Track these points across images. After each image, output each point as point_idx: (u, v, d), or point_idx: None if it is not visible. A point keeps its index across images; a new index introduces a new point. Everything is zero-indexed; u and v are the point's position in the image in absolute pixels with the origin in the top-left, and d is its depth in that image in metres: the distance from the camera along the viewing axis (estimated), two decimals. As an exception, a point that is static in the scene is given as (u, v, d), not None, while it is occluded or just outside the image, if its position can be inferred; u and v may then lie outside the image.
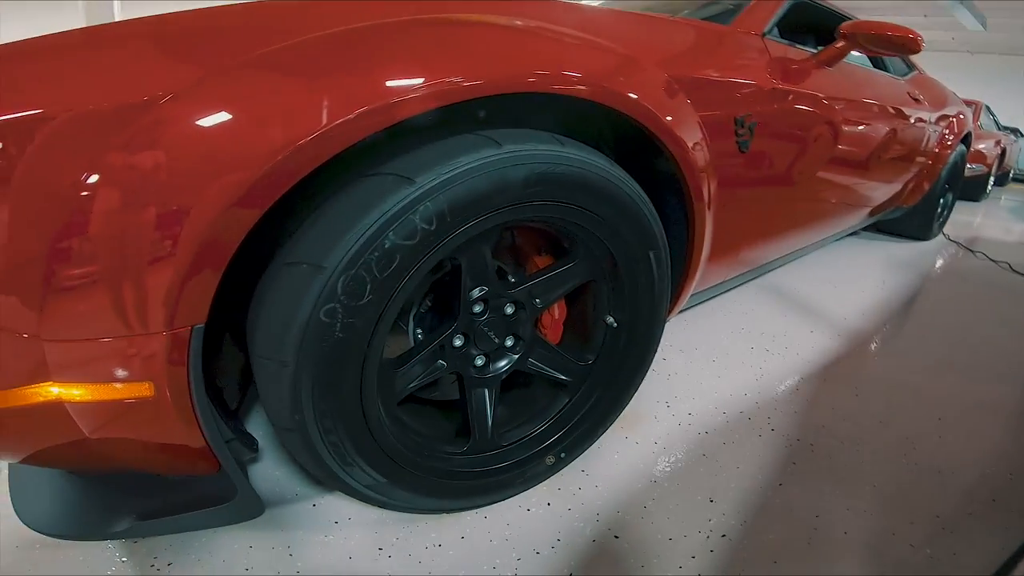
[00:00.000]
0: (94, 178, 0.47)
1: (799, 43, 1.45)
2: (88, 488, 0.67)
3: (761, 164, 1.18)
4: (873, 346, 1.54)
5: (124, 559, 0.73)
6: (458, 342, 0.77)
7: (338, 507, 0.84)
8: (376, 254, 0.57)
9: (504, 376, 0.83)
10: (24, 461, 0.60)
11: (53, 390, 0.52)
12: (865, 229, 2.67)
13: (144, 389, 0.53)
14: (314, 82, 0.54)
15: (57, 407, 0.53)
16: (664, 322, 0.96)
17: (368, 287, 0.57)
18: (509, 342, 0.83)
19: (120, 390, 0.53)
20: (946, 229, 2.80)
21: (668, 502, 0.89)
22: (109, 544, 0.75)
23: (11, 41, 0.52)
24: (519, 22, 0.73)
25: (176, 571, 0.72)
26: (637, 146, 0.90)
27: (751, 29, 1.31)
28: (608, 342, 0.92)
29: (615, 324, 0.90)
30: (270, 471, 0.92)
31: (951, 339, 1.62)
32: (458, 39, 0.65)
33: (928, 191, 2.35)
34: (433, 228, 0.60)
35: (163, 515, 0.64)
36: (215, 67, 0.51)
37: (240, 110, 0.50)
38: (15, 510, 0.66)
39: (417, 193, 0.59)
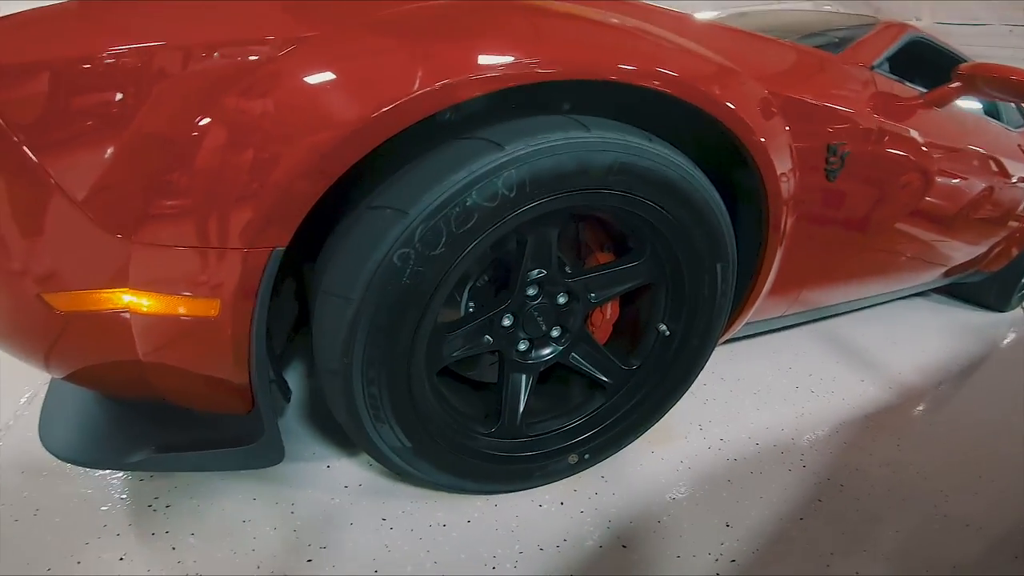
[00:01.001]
0: (205, 120, 0.49)
1: (911, 82, 1.37)
2: (113, 418, 0.69)
3: (844, 200, 1.13)
4: (924, 403, 1.46)
5: (124, 495, 0.76)
6: (507, 321, 0.77)
7: (351, 472, 0.86)
8: (457, 209, 0.58)
9: (545, 365, 0.83)
10: (69, 378, 0.63)
11: (125, 298, 0.55)
12: (936, 291, 2.52)
13: (210, 308, 0.55)
14: (415, 49, 0.56)
15: (121, 320, 0.56)
16: (717, 340, 0.93)
17: (443, 239, 0.59)
18: (556, 332, 0.82)
19: (188, 304, 0.55)
20: (1025, 303, 2.60)
21: (683, 521, 0.87)
22: (114, 480, 0.78)
23: None
24: (615, 19, 0.72)
25: (173, 513, 0.74)
26: (720, 163, 0.87)
27: (860, 61, 1.25)
28: (656, 350, 0.89)
29: (667, 333, 0.88)
30: (291, 426, 0.95)
31: (1009, 407, 1.53)
32: (555, 25, 0.66)
33: (1015, 258, 2.19)
34: (512, 195, 0.60)
35: (181, 450, 0.66)
36: (330, 26, 0.54)
37: (347, 69, 0.53)
38: (40, 435, 0.69)
39: (504, 159, 0.59)
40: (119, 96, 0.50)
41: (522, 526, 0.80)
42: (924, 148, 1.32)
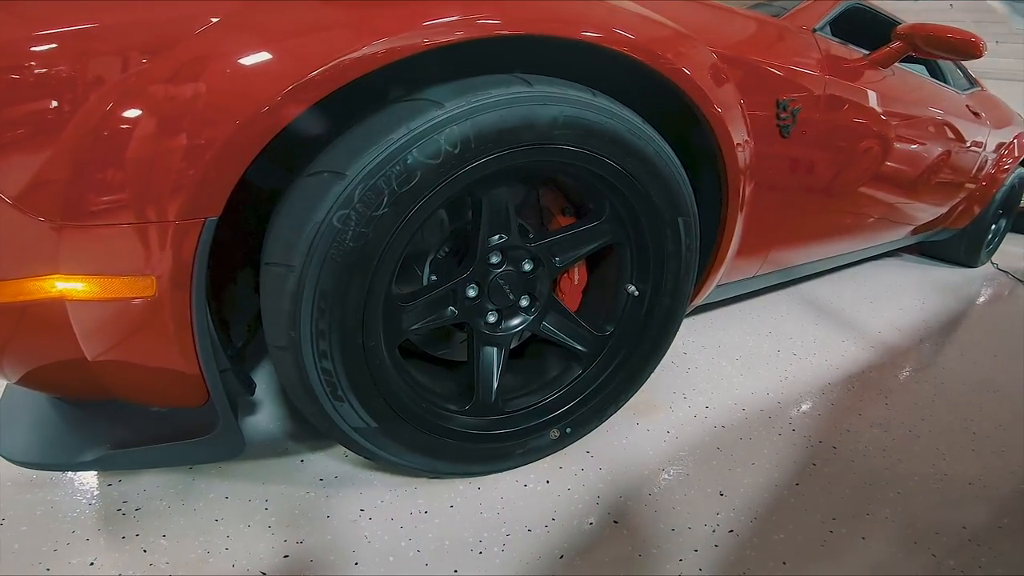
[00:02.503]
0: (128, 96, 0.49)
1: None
2: (67, 419, 0.67)
3: (801, 160, 1.16)
4: (908, 361, 1.48)
5: (92, 501, 0.73)
6: (472, 292, 0.76)
7: (326, 465, 0.83)
8: (397, 168, 0.57)
9: (516, 337, 0.82)
10: (20, 381, 0.61)
11: (59, 284, 0.53)
12: (908, 251, 2.59)
13: (147, 286, 0.53)
14: (350, 13, 0.55)
15: (57, 308, 0.54)
16: (688, 299, 0.94)
17: (385, 199, 0.58)
18: (524, 301, 0.82)
19: (123, 285, 0.53)
20: (995, 258, 2.69)
21: (675, 493, 0.86)
22: (80, 486, 0.75)
23: None
24: None
25: (142, 515, 0.71)
26: (675, 126, 0.89)
27: (802, 24, 1.30)
28: (629, 313, 0.89)
29: (636, 293, 0.88)
30: (262, 423, 0.92)
31: (990, 362, 1.55)
32: None
33: (978, 215, 2.27)
34: (457, 151, 0.60)
35: (137, 445, 0.63)
36: None
37: (275, 38, 0.53)
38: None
39: (444, 116, 0.59)
40: (43, 81, 0.49)
41: (508, 508, 0.78)
42: (876, 110, 1.37)
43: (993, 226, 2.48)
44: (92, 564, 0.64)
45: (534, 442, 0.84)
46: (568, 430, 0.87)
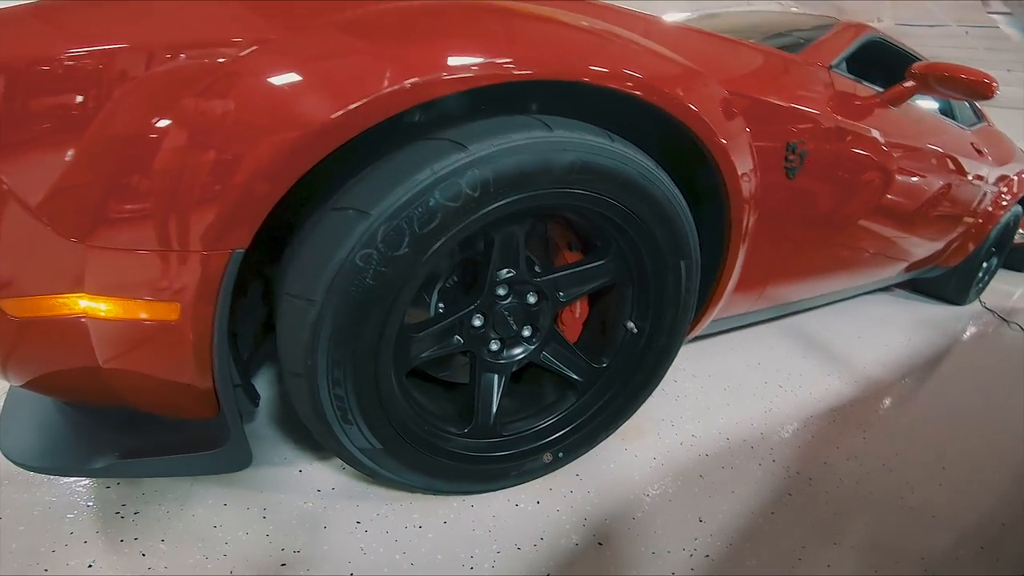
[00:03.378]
0: (165, 121, 0.50)
1: (869, 82, 1.46)
2: (75, 424, 0.69)
3: (804, 197, 1.19)
4: (888, 397, 1.54)
5: (91, 503, 0.75)
6: (477, 322, 0.79)
7: (324, 476, 0.86)
8: (420, 209, 0.60)
9: (516, 365, 0.85)
10: (27, 385, 0.63)
11: (81, 303, 0.55)
12: (898, 286, 2.64)
13: (171, 312, 0.56)
14: (383, 49, 0.58)
15: (78, 326, 0.56)
16: (683, 337, 0.97)
17: (406, 239, 0.60)
18: (527, 332, 0.85)
19: (148, 308, 0.55)
20: (984, 295, 2.76)
21: (657, 517, 0.90)
22: (79, 488, 0.77)
23: None
24: (585, 21, 0.75)
25: (141, 519, 0.73)
26: (682, 163, 0.92)
27: (819, 61, 1.32)
28: (625, 348, 0.93)
29: (635, 330, 0.91)
30: (262, 431, 0.95)
31: (970, 400, 1.62)
32: (520, 26, 0.68)
33: (972, 253, 2.32)
34: (477, 195, 0.63)
35: (145, 455, 0.65)
36: (290, 26, 0.55)
37: (311, 68, 0.55)
38: (7, 453, 0.67)
39: (467, 159, 0.62)
40: (76, 99, 0.51)
41: (499, 526, 0.82)
42: (882, 146, 1.40)
43: (985, 264, 2.54)
44: (90, 567, 0.67)
45: (528, 464, 0.88)
46: (560, 454, 0.91)
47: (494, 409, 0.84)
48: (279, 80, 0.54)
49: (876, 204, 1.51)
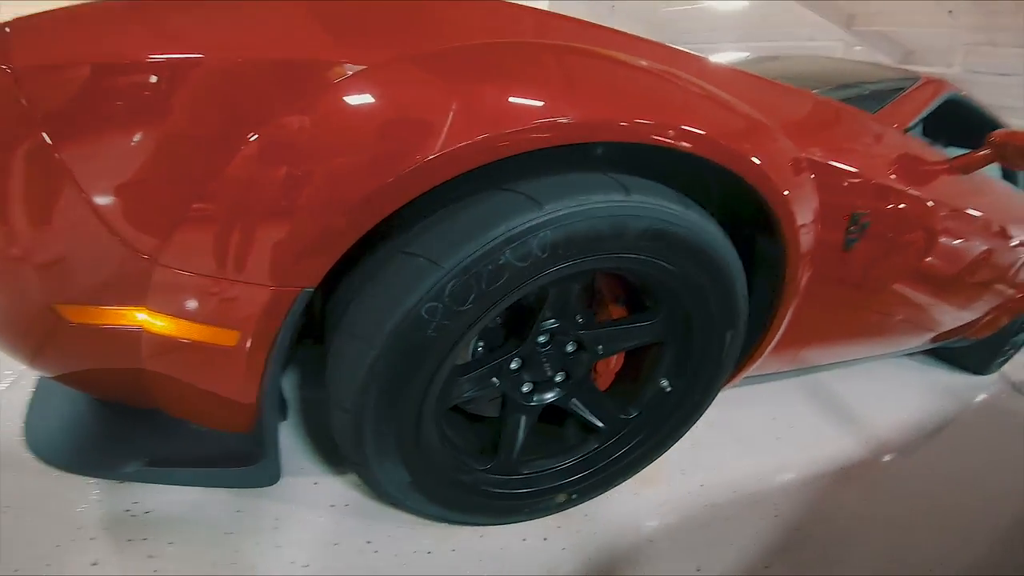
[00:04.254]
0: (256, 135, 0.49)
1: (941, 140, 1.40)
2: (104, 423, 0.69)
3: (855, 266, 1.16)
4: (897, 461, 1.55)
5: (102, 498, 0.75)
6: (515, 365, 0.79)
7: (339, 491, 0.87)
8: (489, 267, 0.59)
9: (543, 407, 0.85)
10: (61, 379, 0.63)
11: (140, 316, 0.55)
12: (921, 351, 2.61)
13: (228, 337, 0.56)
14: (466, 97, 0.56)
15: (133, 336, 0.56)
16: (715, 396, 0.97)
17: (472, 295, 0.60)
18: (559, 377, 0.85)
19: (205, 332, 0.55)
20: (1005, 367, 2.71)
21: (658, 562, 0.92)
22: (92, 481, 0.77)
23: None
24: (649, 65, 0.73)
25: (152, 519, 0.74)
26: (741, 220, 0.89)
27: (896, 121, 1.27)
28: (655, 403, 0.93)
29: (669, 389, 0.91)
30: (282, 438, 0.94)
31: (978, 468, 1.63)
32: (596, 77, 0.67)
33: (1005, 326, 2.27)
34: (545, 256, 0.62)
35: (176, 464, 0.66)
36: (379, 56, 0.53)
37: (401, 111, 0.54)
38: (25, 436, 0.68)
39: (542, 219, 0.60)
40: (158, 111, 0.49)
41: (506, 558, 0.84)
42: (944, 217, 1.35)
43: (1013, 338, 2.49)
44: (95, 564, 0.67)
45: (542, 503, 0.89)
46: (575, 496, 0.93)
47: (517, 447, 0.84)
48: (367, 119, 0.52)
49: (924, 273, 1.47)
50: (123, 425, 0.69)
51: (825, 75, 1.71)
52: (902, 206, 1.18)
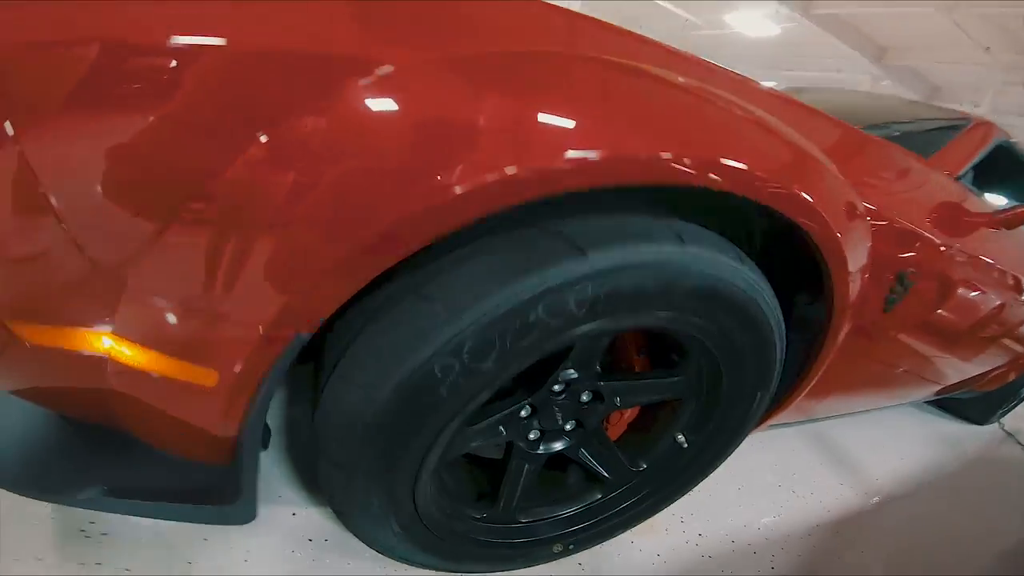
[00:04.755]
0: (265, 136, 0.40)
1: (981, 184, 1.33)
2: (61, 440, 0.60)
3: (888, 324, 1.09)
4: (894, 512, 1.52)
5: (55, 515, 0.68)
6: (524, 412, 0.71)
7: (318, 524, 0.80)
8: (517, 323, 0.51)
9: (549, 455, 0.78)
10: (17, 393, 0.55)
11: (106, 342, 0.46)
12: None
13: (207, 377, 0.47)
14: (505, 120, 0.47)
15: (96, 360, 0.48)
16: (731, 453, 0.90)
17: (494, 354, 0.52)
18: (570, 426, 0.77)
19: (179, 368, 0.47)
20: (1006, 418, 2.70)
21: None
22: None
23: None
24: (713, 91, 0.63)
25: (108, 543, 0.67)
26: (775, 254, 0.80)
27: (948, 168, 1.18)
28: (668, 457, 0.86)
29: (685, 444, 0.84)
30: (261, 463, 0.88)
31: (973, 522, 1.62)
32: (651, 102, 0.57)
33: (1011, 382, 2.23)
34: (581, 314, 0.53)
35: (139, 495, 0.57)
36: (410, 55, 0.44)
37: (436, 130, 0.45)
38: None
39: (584, 272, 0.52)
40: (145, 97, 0.40)
41: (493, 606, 0.78)
42: (980, 270, 1.28)
43: (1021, 391, 2.46)
44: None
45: (537, 552, 0.83)
46: (571, 546, 0.86)
47: (517, 496, 0.77)
48: (394, 140, 0.43)
49: (949, 328, 1.40)
50: (83, 444, 0.60)
51: (869, 111, 1.61)
52: (950, 263, 1.10)
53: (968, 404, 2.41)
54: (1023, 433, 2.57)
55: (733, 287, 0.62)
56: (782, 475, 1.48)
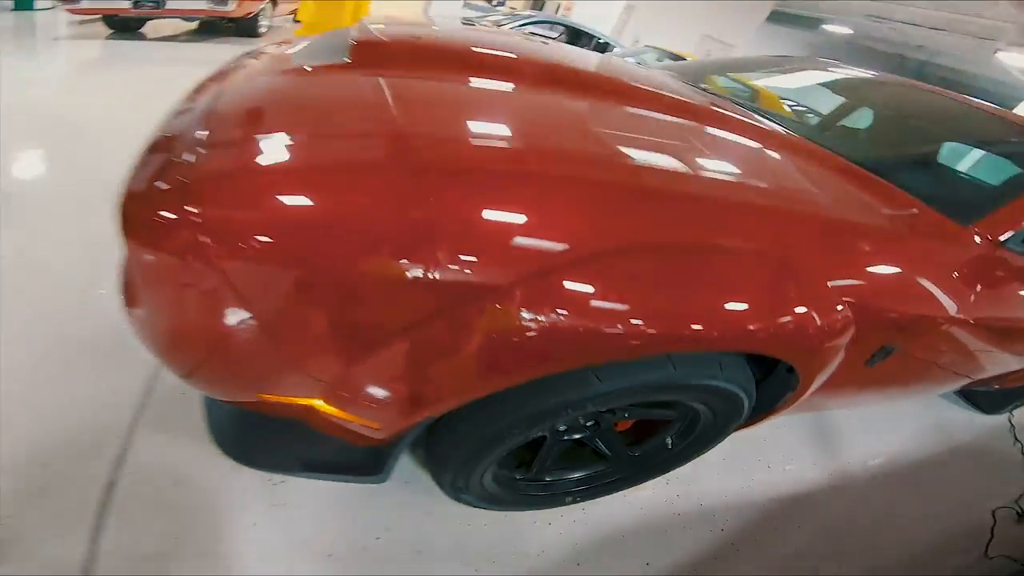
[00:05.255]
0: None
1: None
2: (265, 426, 0.90)
3: (867, 373, 1.20)
4: (856, 496, 1.78)
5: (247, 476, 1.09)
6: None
7: (426, 485, 1.22)
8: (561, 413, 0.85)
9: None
10: (239, 405, 0.87)
11: (317, 402, 0.81)
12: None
13: (375, 426, 0.83)
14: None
15: (306, 406, 0.82)
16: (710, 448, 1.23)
17: (540, 426, 0.87)
18: (590, 423, 1.10)
19: (361, 422, 0.82)
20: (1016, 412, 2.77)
21: (623, 555, 1.29)
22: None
23: None
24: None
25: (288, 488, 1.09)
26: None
27: (993, 233, 1.19)
28: (656, 449, 1.20)
29: (671, 446, 1.18)
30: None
31: (922, 506, 1.84)
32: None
33: (1034, 381, 2.29)
34: (599, 407, 0.85)
35: (318, 470, 0.95)
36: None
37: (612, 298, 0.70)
38: (210, 430, 0.95)
39: (597, 391, 0.81)
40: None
41: (515, 538, 1.22)
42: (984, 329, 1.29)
43: None
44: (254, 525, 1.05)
45: (556, 500, 1.25)
46: (579, 498, 1.27)
47: (546, 464, 1.15)
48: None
49: (954, 359, 1.51)
50: (280, 429, 0.89)
51: (940, 119, 1.55)
52: (950, 327, 1.16)
53: (981, 394, 2.49)
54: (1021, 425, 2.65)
55: (714, 385, 0.90)
56: (764, 449, 1.78)
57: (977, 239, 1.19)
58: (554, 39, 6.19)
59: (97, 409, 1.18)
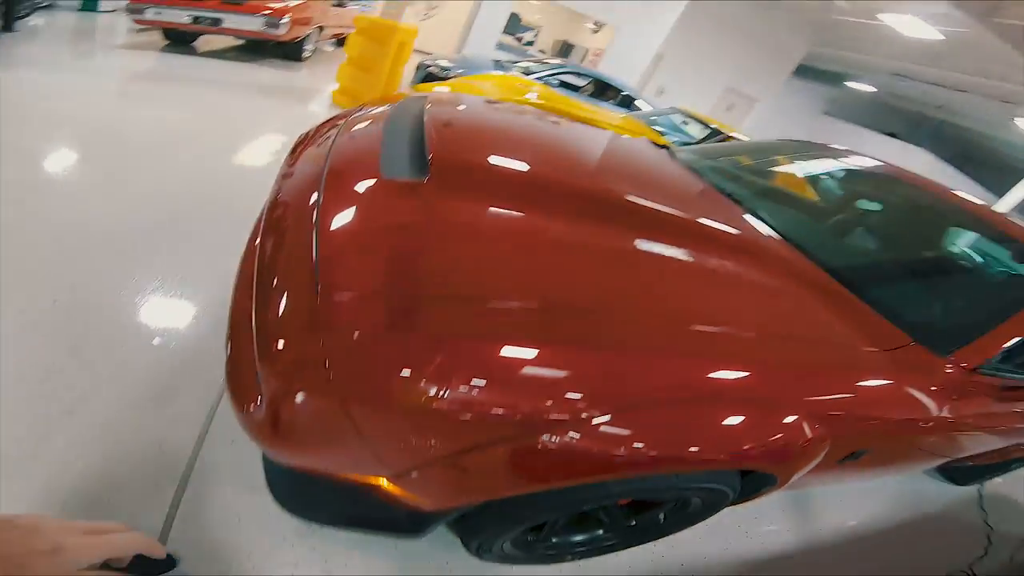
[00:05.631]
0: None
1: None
2: (316, 484, 0.98)
3: (837, 468, 1.37)
4: (817, 558, 1.94)
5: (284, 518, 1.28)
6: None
7: (449, 543, 1.36)
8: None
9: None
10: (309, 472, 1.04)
11: (383, 481, 0.99)
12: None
13: (424, 502, 1.01)
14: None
15: (377, 483, 1.00)
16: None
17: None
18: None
19: (415, 498, 1.00)
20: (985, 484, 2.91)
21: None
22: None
23: None
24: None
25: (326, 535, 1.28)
26: None
27: (966, 362, 1.32)
28: (649, 521, 1.38)
29: (663, 520, 1.35)
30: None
31: (907, 569, 2.00)
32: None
33: (1008, 461, 2.42)
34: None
35: (361, 525, 1.10)
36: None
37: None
38: (268, 483, 1.08)
39: (617, 491, 0.99)
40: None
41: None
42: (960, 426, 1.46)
43: (1012, 465, 2.66)
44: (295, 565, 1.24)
45: (559, 559, 1.42)
46: (577, 557, 1.44)
47: (553, 530, 1.33)
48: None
49: (921, 457, 1.69)
50: (334, 488, 1.00)
51: (932, 227, 1.80)
52: (914, 439, 1.40)
53: (955, 468, 2.55)
54: (993, 500, 2.80)
55: (706, 487, 1.08)
56: (744, 516, 1.94)
57: (951, 369, 1.34)
58: (580, 89, 6.56)
59: (155, 454, 1.33)
